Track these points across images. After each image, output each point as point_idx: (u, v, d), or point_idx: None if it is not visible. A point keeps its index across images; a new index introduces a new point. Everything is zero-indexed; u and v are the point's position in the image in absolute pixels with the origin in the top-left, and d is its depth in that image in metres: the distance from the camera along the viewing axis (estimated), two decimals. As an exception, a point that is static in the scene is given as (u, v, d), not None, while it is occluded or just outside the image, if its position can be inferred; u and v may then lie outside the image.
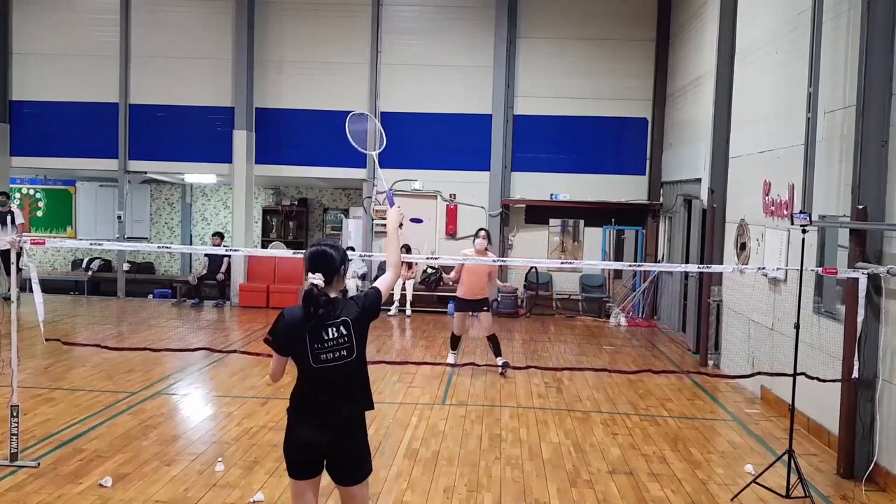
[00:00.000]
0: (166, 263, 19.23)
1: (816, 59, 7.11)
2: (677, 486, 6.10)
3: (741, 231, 9.62)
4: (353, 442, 3.86)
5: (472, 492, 5.86)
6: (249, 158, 15.63)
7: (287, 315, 3.83)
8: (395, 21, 15.60)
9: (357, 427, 3.89)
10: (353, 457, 3.87)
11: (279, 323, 3.83)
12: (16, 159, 16.15)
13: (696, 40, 12.94)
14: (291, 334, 3.77)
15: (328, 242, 4.02)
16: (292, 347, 3.78)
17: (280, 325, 3.82)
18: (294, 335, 3.76)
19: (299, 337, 3.75)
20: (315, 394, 3.80)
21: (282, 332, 3.81)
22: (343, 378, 3.82)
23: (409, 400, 8.44)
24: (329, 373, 3.78)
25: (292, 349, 3.79)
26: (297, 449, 3.83)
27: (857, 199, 6.31)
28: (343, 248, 4.03)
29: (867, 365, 6.29)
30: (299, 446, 3.82)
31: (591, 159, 15.59)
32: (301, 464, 3.85)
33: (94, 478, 5.82)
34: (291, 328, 3.77)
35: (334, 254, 3.90)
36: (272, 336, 3.84)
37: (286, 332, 3.79)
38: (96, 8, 15.92)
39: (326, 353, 3.76)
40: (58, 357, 9.76)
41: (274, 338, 3.83)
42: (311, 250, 3.90)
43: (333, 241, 4.24)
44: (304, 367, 3.79)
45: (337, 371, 3.79)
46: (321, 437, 3.78)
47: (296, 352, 3.78)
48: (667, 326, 13.84)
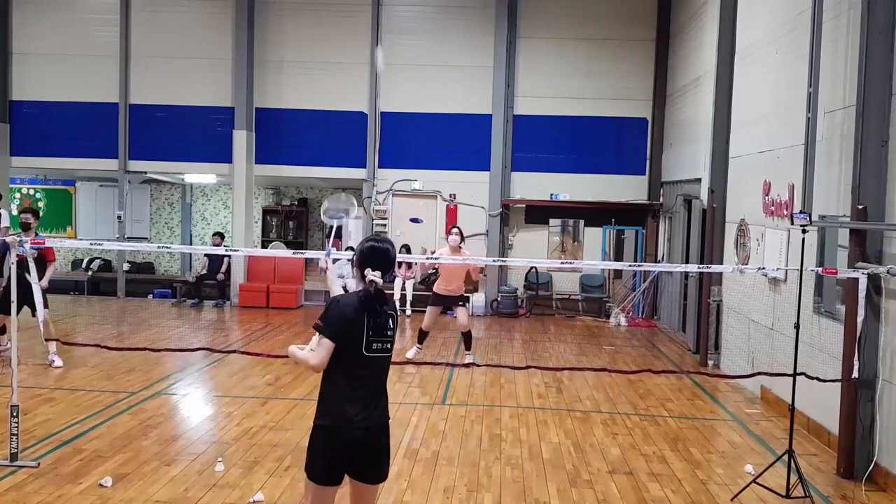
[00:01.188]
0: (166, 263, 19.23)
1: (816, 59, 7.11)
2: (677, 486, 6.10)
3: (740, 233, 9.62)
4: (386, 440, 3.91)
5: (472, 492, 5.86)
6: (249, 158, 15.63)
7: (343, 302, 3.82)
8: (395, 21, 15.60)
9: (387, 432, 3.93)
10: (383, 454, 3.90)
11: (333, 309, 3.79)
12: (16, 159, 16.16)
13: (696, 40, 12.94)
14: (347, 322, 3.76)
15: (386, 239, 4.07)
16: (345, 334, 3.76)
17: (335, 312, 3.78)
18: (350, 323, 3.76)
19: (355, 326, 3.76)
20: (357, 388, 3.78)
21: (337, 317, 3.76)
22: (382, 371, 3.91)
23: (409, 400, 8.44)
24: (375, 363, 3.83)
25: (345, 336, 3.76)
26: (339, 453, 3.76)
27: (857, 199, 6.31)
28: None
29: (867, 365, 6.29)
30: (341, 450, 3.76)
31: (591, 159, 15.59)
32: (338, 469, 3.80)
33: (94, 478, 5.82)
34: (348, 316, 3.76)
35: (393, 252, 3.97)
36: (324, 322, 3.77)
37: (342, 317, 3.76)
38: (96, 8, 15.92)
39: (377, 343, 3.81)
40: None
41: (326, 323, 3.77)
42: (374, 246, 3.93)
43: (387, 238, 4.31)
44: (354, 356, 3.77)
45: (381, 362, 3.87)
46: (364, 438, 3.78)
47: (349, 339, 3.76)
48: (667, 326, 13.84)
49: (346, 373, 3.80)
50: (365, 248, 3.93)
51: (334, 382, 3.82)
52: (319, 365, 3.76)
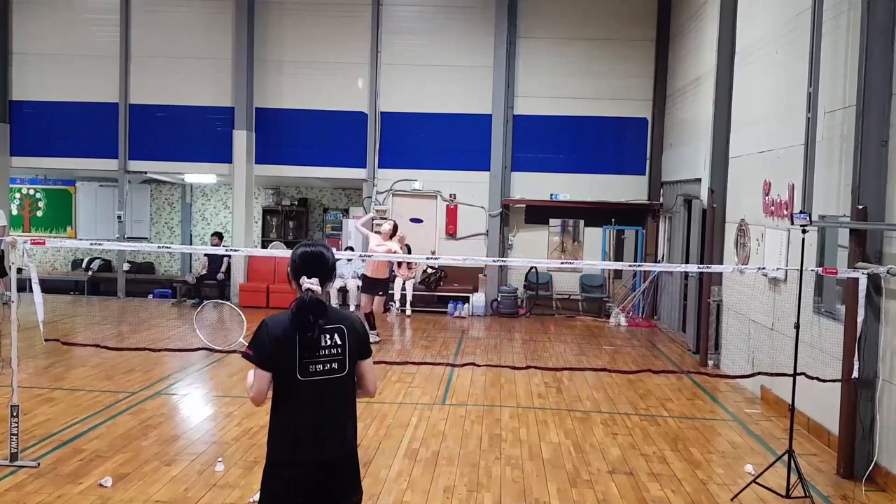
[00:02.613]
0: (166, 263, 19.22)
1: (816, 59, 7.11)
2: (677, 486, 6.10)
3: (740, 233, 9.62)
4: (349, 471, 3.44)
5: (472, 492, 5.86)
6: (249, 158, 15.64)
7: (271, 324, 3.34)
8: (395, 21, 15.60)
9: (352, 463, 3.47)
10: (347, 487, 3.43)
11: (262, 334, 3.33)
12: (16, 159, 16.16)
13: (696, 40, 12.94)
14: (278, 345, 3.30)
15: (320, 243, 3.61)
16: (277, 360, 3.31)
17: (263, 337, 3.32)
18: (280, 346, 3.30)
19: (286, 347, 3.30)
20: (299, 418, 3.33)
21: (266, 343, 3.31)
22: (331, 396, 3.38)
23: (409, 400, 8.44)
24: (320, 387, 3.34)
25: (277, 362, 3.31)
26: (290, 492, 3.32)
27: (857, 199, 6.31)
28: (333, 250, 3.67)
29: (867, 365, 6.29)
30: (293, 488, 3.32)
31: (590, 159, 15.59)
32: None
33: (94, 478, 5.82)
34: (277, 338, 3.30)
35: (330, 256, 3.50)
36: (252, 350, 3.33)
37: (272, 342, 3.30)
38: (96, 8, 15.92)
39: (315, 365, 3.33)
40: (58, 357, 9.76)
41: (255, 351, 3.32)
42: (305, 251, 3.47)
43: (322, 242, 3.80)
44: (289, 382, 3.32)
45: (327, 385, 3.36)
46: (317, 474, 3.33)
47: (280, 365, 3.31)
48: (667, 326, 13.84)
49: (286, 401, 3.35)
50: (297, 256, 3.46)
51: (277, 412, 3.38)
52: (257, 398, 3.35)
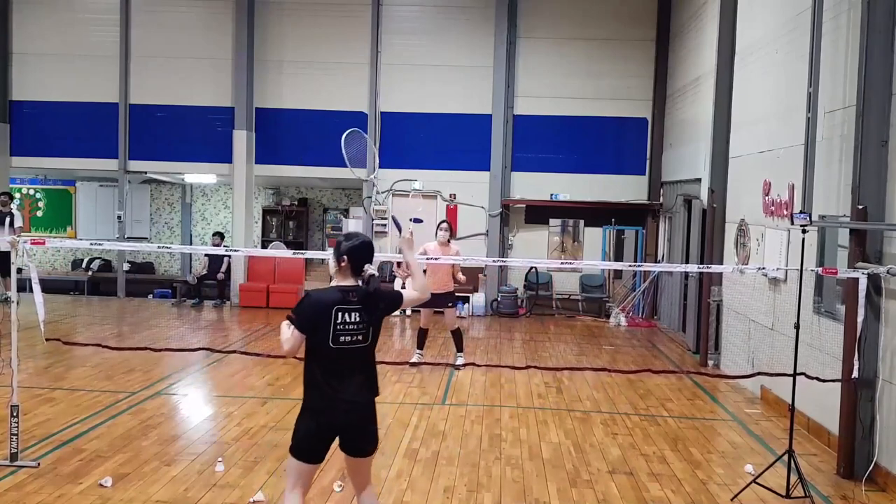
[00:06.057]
0: (166, 263, 19.23)
1: (816, 59, 7.11)
2: (677, 486, 6.10)
3: (740, 233, 9.62)
4: (370, 412, 4.21)
5: (472, 492, 5.86)
6: (249, 158, 15.63)
7: (314, 296, 4.09)
8: (395, 21, 15.60)
9: (371, 407, 4.22)
10: (369, 427, 4.20)
11: (306, 303, 4.07)
12: (16, 159, 16.15)
13: (696, 40, 12.94)
14: (317, 315, 4.03)
15: (361, 234, 4.40)
16: (314, 328, 4.02)
17: (306, 306, 4.06)
18: (320, 317, 4.03)
19: (323, 319, 4.02)
20: (333, 372, 4.07)
21: (308, 312, 4.04)
22: (359, 358, 4.14)
23: (409, 400, 8.43)
24: (347, 353, 4.09)
25: (313, 330, 4.02)
26: (322, 432, 4.09)
27: (857, 199, 6.31)
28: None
29: (867, 365, 6.29)
30: (324, 429, 4.09)
31: (590, 159, 15.59)
32: (319, 448, 4.13)
33: (94, 478, 5.82)
34: (318, 310, 4.03)
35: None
36: (295, 314, 4.05)
37: (313, 312, 4.03)
38: (96, 8, 15.92)
39: (345, 336, 4.07)
40: (58, 357, 9.76)
41: (297, 315, 4.05)
42: (364, 241, 4.21)
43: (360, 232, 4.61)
44: (322, 348, 4.04)
45: (354, 352, 4.11)
46: (347, 414, 4.09)
47: (316, 333, 4.02)
48: (667, 326, 13.84)
49: (319, 361, 4.09)
50: (354, 246, 4.17)
51: (311, 369, 4.12)
52: (290, 351, 4.07)
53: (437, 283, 9.85)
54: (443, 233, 10.00)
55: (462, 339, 10.21)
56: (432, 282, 9.95)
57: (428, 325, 10.20)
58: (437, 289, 9.84)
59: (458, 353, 10.12)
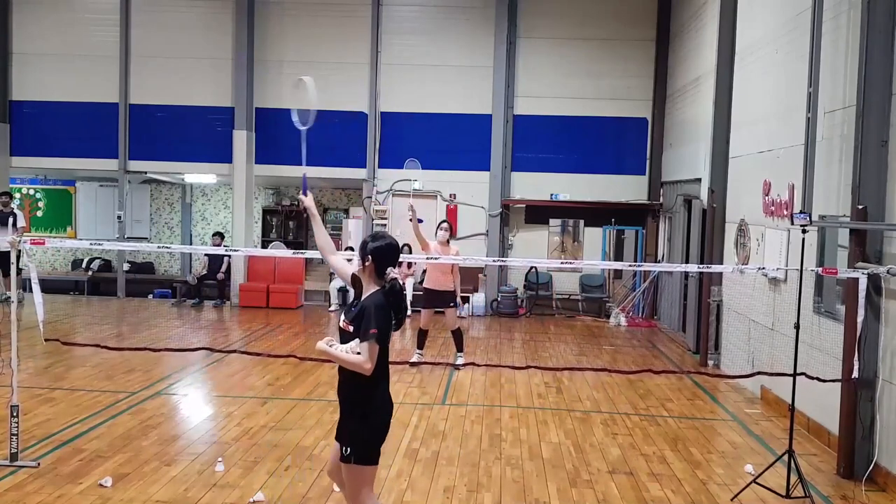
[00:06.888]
0: (166, 263, 19.22)
1: (816, 59, 7.11)
2: (677, 486, 6.10)
3: (740, 233, 9.62)
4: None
5: (472, 492, 5.86)
6: (249, 158, 15.64)
7: (381, 303, 4.06)
8: (395, 21, 15.61)
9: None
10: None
11: (385, 316, 4.03)
12: (16, 159, 16.16)
13: (696, 40, 12.94)
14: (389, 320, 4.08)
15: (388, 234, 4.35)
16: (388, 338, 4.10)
17: (386, 318, 4.05)
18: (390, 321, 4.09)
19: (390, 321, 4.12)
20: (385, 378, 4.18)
21: (387, 324, 4.05)
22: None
23: (409, 400, 8.43)
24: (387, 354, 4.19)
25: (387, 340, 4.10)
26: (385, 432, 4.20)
27: (857, 199, 6.31)
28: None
29: (867, 365, 6.29)
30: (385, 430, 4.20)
31: (590, 159, 15.59)
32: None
33: (94, 478, 5.82)
34: (389, 315, 4.07)
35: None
36: (378, 329, 3.98)
37: (388, 319, 4.06)
38: (96, 8, 15.92)
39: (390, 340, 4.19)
40: (58, 357, 9.76)
41: (380, 331, 4.00)
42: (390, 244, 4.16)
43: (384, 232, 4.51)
44: (385, 351, 4.10)
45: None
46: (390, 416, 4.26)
47: (387, 341, 4.09)
48: (667, 326, 13.84)
49: (383, 370, 4.15)
50: (380, 247, 4.13)
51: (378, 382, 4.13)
52: (373, 369, 4.01)
53: (437, 281, 9.99)
54: (443, 233, 10.08)
55: (462, 339, 10.23)
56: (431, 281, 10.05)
57: (428, 327, 10.22)
58: (437, 286, 9.99)
59: (459, 353, 10.13)
